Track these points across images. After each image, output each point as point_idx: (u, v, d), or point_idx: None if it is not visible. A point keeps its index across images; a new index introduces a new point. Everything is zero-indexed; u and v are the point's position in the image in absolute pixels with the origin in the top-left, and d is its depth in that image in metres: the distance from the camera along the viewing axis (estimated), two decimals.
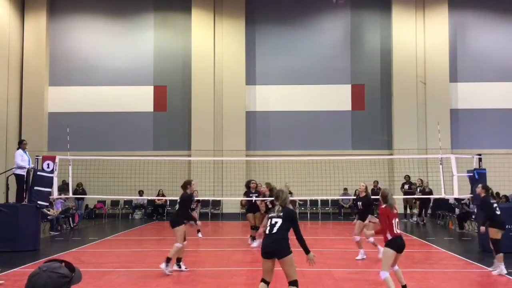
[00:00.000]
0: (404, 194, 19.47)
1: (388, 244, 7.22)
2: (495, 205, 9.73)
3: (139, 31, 24.26)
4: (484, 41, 23.40)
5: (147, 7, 24.17)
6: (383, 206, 7.42)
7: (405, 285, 7.43)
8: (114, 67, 23.95)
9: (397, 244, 7.21)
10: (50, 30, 24.10)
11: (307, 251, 6.38)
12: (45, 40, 23.72)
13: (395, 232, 7.23)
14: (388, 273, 7.15)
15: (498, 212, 9.65)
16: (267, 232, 6.26)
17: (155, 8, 24.18)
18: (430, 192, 18.73)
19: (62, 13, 24.25)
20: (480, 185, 10.17)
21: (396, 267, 7.49)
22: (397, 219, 7.31)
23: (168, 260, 9.20)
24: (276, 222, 6.17)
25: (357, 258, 10.85)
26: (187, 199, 9.98)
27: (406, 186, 19.81)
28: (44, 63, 23.69)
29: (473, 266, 10.18)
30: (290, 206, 6.49)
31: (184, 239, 9.46)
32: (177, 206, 10.61)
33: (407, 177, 20.10)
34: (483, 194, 9.96)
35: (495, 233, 9.39)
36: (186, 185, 10.07)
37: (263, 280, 6.29)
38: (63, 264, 2.39)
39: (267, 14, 24.14)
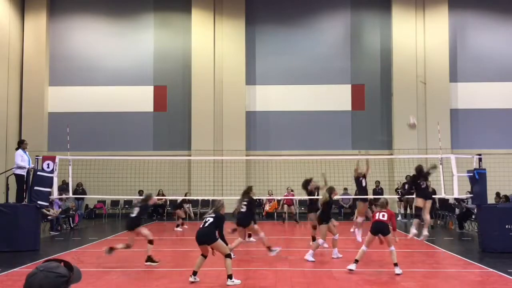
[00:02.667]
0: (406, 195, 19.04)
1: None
2: (421, 182, 12.39)
3: (139, 31, 24.27)
4: (484, 41, 23.40)
5: (147, 7, 24.17)
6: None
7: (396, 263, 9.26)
8: (114, 67, 23.95)
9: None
10: (50, 30, 24.11)
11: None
12: (45, 40, 23.73)
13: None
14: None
15: (423, 186, 12.48)
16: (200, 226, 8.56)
17: (155, 8, 24.19)
18: (434, 192, 18.56)
19: (62, 13, 24.26)
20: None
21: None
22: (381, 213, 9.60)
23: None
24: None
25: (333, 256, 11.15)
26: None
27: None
28: (44, 63, 23.70)
29: (473, 266, 10.18)
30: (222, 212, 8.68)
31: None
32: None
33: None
34: (414, 173, 12.74)
35: (418, 202, 12.37)
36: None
37: (202, 255, 8.56)
38: (62, 263, 2.38)
39: (267, 14, 24.14)
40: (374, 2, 23.96)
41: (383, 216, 9.46)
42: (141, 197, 15.29)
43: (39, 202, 12.75)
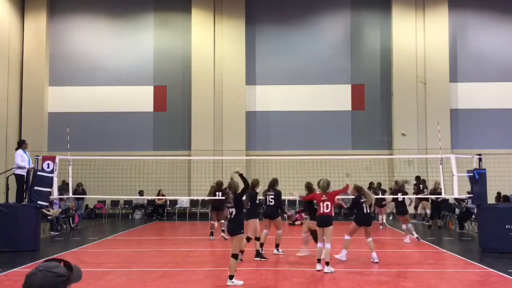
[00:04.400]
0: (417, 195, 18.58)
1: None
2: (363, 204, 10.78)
3: (139, 31, 24.27)
4: (484, 41, 23.40)
5: (147, 7, 24.17)
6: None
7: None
8: (114, 67, 23.96)
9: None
10: (50, 30, 24.11)
11: None
12: (45, 40, 23.73)
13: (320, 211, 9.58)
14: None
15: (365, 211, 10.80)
16: None
17: (155, 8, 24.19)
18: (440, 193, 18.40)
19: (62, 13, 24.26)
20: (352, 185, 10.89)
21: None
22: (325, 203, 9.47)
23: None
24: None
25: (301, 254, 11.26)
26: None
27: (420, 187, 19.14)
28: (44, 63, 23.70)
29: (473, 266, 10.18)
30: None
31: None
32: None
33: (417, 178, 19.82)
34: (355, 194, 10.90)
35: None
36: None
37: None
38: (62, 263, 2.38)
39: (267, 14, 24.14)
40: (374, 2, 23.96)
41: (327, 207, 9.37)
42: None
43: (39, 202, 12.75)
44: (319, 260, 9.38)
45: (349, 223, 11.83)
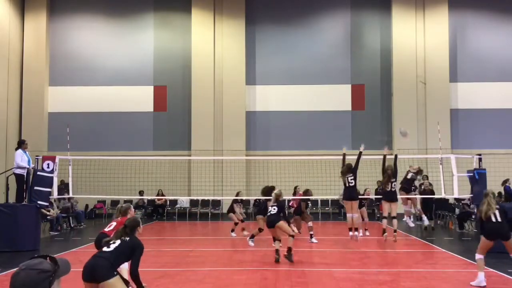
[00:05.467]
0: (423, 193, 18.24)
1: None
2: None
3: (139, 31, 24.27)
4: (484, 41, 23.41)
5: (147, 7, 24.18)
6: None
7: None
8: (114, 67, 23.96)
9: None
10: (50, 30, 24.11)
11: None
12: (45, 40, 23.73)
13: None
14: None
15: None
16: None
17: (155, 8, 24.19)
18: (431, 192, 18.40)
19: (62, 13, 24.27)
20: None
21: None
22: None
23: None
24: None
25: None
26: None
27: (427, 183, 18.68)
28: (44, 63, 23.70)
29: (473, 266, 10.16)
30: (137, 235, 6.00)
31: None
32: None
33: (425, 177, 19.39)
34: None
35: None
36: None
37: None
38: (48, 258, 2.37)
39: (267, 14, 24.15)
40: (374, 2, 23.97)
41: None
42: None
43: (39, 202, 12.75)
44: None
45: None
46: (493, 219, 8.18)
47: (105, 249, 5.62)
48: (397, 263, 10.79)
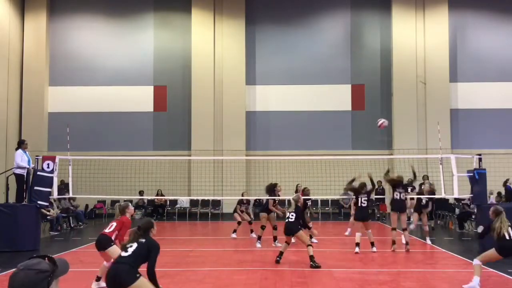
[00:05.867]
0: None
1: None
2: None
3: (139, 31, 24.27)
4: (484, 41, 23.40)
5: (147, 7, 24.18)
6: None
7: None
8: (114, 67, 23.96)
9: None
10: (50, 30, 24.11)
11: None
12: (45, 40, 23.73)
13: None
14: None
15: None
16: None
17: (155, 8, 24.19)
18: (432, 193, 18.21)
19: (62, 13, 24.26)
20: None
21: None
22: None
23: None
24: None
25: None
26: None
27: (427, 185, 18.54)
28: (44, 63, 23.70)
29: (473, 266, 10.16)
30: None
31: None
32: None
33: (426, 177, 19.41)
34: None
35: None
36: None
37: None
38: (46, 259, 2.37)
39: (267, 14, 24.15)
40: (374, 2, 23.97)
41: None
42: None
43: (39, 202, 12.75)
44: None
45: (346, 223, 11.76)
46: (507, 237, 8.04)
47: (123, 254, 5.71)
48: (397, 263, 10.79)
